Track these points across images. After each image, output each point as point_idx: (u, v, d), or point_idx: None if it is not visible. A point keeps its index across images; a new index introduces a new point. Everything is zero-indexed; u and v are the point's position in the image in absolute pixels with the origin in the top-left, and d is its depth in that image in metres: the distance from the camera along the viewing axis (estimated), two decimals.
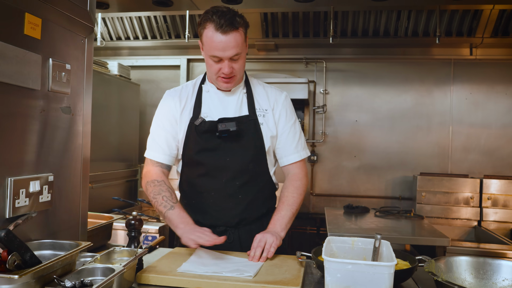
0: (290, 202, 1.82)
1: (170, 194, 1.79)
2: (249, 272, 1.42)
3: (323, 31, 4.10)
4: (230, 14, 1.67)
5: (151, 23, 4.31)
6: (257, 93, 1.90)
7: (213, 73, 1.78)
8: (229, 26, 1.64)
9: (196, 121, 1.80)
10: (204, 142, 1.81)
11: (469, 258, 1.39)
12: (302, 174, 1.91)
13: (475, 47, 4.05)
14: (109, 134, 3.86)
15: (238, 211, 1.82)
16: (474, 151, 4.13)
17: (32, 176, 1.31)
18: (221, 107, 1.84)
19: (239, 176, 1.82)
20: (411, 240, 2.99)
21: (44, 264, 1.06)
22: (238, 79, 1.81)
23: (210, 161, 1.82)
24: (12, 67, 1.22)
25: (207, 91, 1.88)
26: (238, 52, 1.69)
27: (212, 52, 1.69)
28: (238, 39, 1.67)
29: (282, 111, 1.89)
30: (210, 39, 1.67)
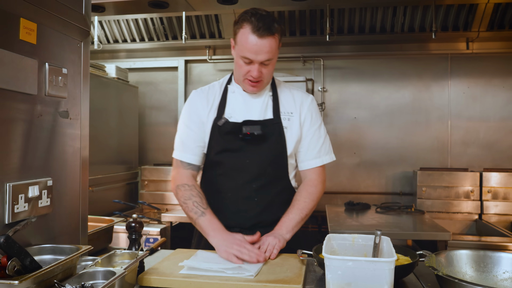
0: (301, 206, 1.80)
1: (200, 199, 1.76)
2: (250, 271, 1.42)
3: (320, 29, 4.10)
4: (269, 18, 1.65)
5: (148, 25, 4.31)
6: (283, 96, 1.88)
7: (241, 74, 1.76)
8: (266, 30, 1.62)
9: (219, 122, 1.79)
10: (226, 143, 1.80)
11: (470, 251, 1.39)
12: (318, 180, 1.89)
13: (472, 41, 4.04)
14: (108, 137, 3.86)
15: (254, 213, 1.81)
16: (473, 145, 4.13)
17: (31, 181, 1.31)
18: (245, 109, 1.83)
19: (256, 179, 1.80)
20: (413, 236, 3.00)
21: (44, 269, 1.07)
22: (264, 84, 1.80)
23: (229, 162, 1.81)
24: (8, 73, 1.22)
25: (233, 92, 1.86)
26: (270, 58, 1.68)
27: (244, 53, 1.67)
28: (272, 44, 1.66)
29: (307, 115, 1.87)
30: (245, 40, 1.65)
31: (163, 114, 4.67)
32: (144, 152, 4.68)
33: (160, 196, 4.16)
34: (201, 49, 4.48)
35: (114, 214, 3.58)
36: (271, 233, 1.73)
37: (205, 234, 1.70)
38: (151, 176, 4.22)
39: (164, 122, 4.66)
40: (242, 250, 1.55)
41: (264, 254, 1.58)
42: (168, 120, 4.64)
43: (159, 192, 4.17)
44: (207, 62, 4.53)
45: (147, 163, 4.61)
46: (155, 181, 4.22)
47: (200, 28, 4.25)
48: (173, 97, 4.67)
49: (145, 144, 4.67)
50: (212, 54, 4.51)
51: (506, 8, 3.64)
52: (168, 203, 4.12)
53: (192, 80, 4.65)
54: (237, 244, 1.58)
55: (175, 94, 4.64)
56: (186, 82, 4.62)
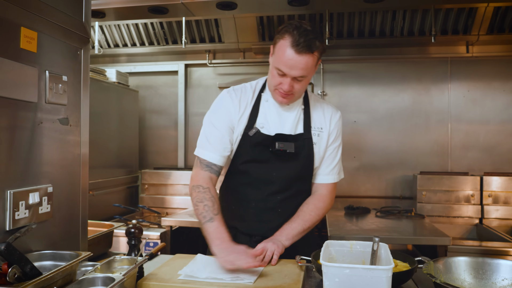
0: (305, 218, 1.80)
1: (212, 204, 1.70)
2: (249, 278, 1.42)
3: (320, 33, 4.10)
4: (312, 36, 1.60)
5: (148, 30, 4.33)
6: (314, 111, 1.87)
7: (272, 85, 1.74)
8: (305, 48, 1.58)
9: (250, 132, 1.77)
10: (255, 154, 1.79)
11: (468, 258, 1.40)
12: (328, 197, 1.90)
13: (471, 44, 4.05)
14: (108, 141, 3.87)
15: (276, 224, 1.81)
16: (474, 148, 4.14)
17: (31, 188, 1.32)
18: (278, 121, 1.81)
19: (281, 192, 1.82)
20: (412, 240, 3.00)
21: (44, 276, 1.08)
22: (295, 98, 1.78)
23: (256, 173, 1.81)
24: (9, 81, 1.23)
25: (266, 101, 1.84)
26: (304, 75, 1.64)
27: (279, 65, 1.64)
28: (309, 62, 1.61)
29: (333, 131, 1.88)
30: (282, 52, 1.62)
31: (164, 118, 4.68)
32: (145, 155, 4.69)
33: (160, 200, 4.17)
34: (201, 53, 4.50)
35: (114, 218, 3.58)
36: (270, 239, 1.73)
37: (209, 240, 1.65)
38: (151, 180, 4.23)
39: (164, 126, 4.67)
40: (239, 257, 1.50)
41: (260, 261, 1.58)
42: (168, 124, 4.65)
43: (159, 196, 4.18)
44: (207, 66, 4.54)
45: (147, 166, 4.61)
46: (155, 185, 4.22)
47: (200, 33, 4.26)
48: (173, 100, 4.68)
49: (145, 148, 4.68)
50: (212, 58, 4.53)
51: (506, 11, 3.65)
52: (168, 207, 4.13)
53: (192, 84, 4.66)
54: (236, 252, 1.53)
55: (175, 98, 4.65)
56: (186, 86, 4.63)
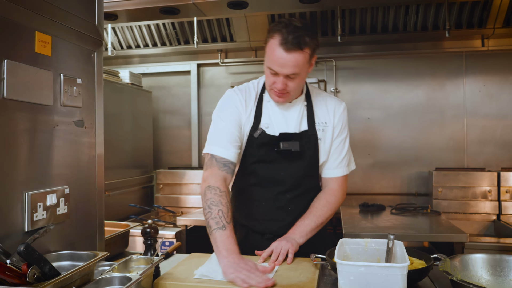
0: (317, 214, 1.79)
1: (227, 211, 1.62)
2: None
3: (331, 30, 4.09)
4: (301, 32, 1.59)
5: (160, 31, 4.36)
6: (317, 105, 1.86)
7: (267, 84, 1.75)
8: (294, 45, 1.57)
9: (255, 133, 1.78)
10: (261, 154, 1.80)
11: (485, 255, 1.38)
12: (339, 190, 1.88)
13: (487, 38, 3.98)
14: (123, 142, 3.92)
15: (287, 222, 1.82)
16: (490, 144, 4.07)
17: (48, 190, 1.35)
18: (282, 120, 1.81)
19: (290, 190, 1.82)
20: (429, 237, 2.97)
21: (62, 276, 1.10)
22: (291, 96, 1.77)
23: (264, 173, 1.82)
24: (25, 85, 1.25)
25: (268, 101, 1.84)
26: (296, 72, 1.63)
27: (270, 64, 1.64)
28: (299, 59, 1.60)
29: (338, 124, 1.86)
30: (272, 51, 1.62)
31: (177, 118, 4.72)
32: (159, 156, 4.73)
33: (175, 199, 4.20)
34: (213, 52, 4.51)
35: (130, 218, 3.63)
36: (284, 237, 1.73)
37: (217, 249, 1.55)
38: (166, 180, 4.27)
39: (178, 126, 4.70)
40: (250, 276, 1.38)
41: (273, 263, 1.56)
42: (182, 124, 4.68)
43: (174, 196, 4.22)
44: (219, 65, 4.55)
45: (161, 166, 4.65)
46: (170, 184, 4.26)
47: (212, 32, 4.28)
48: (186, 100, 4.71)
49: (159, 148, 4.72)
50: (224, 58, 4.54)
51: None
52: (183, 206, 4.16)
53: (205, 83, 4.68)
54: (247, 269, 1.42)
55: (188, 98, 4.68)
56: (198, 86, 4.65)
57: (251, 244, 1.83)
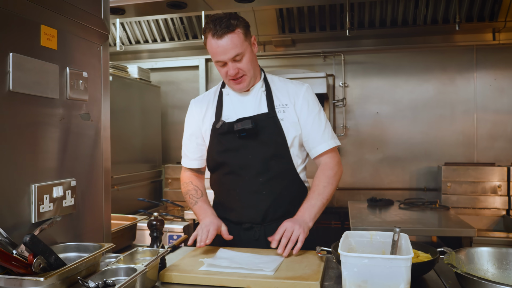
0: (320, 191, 1.81)
1: (195, 191, 1.94)
2: (269, 268, 1.43)
3: (340, 23, 4.06)
4: (226, 18, 1.71)
5: (168, 25, 4.37)
6: (277, 89, 1.90)
7: (224, 78, 1.83)
8: (223, 29, 1.68)
9: (217, 125, 1.85)
10: (226, 143, 1.85)
11: (491, 248, 1.36)
12: (333, 163, 1.89)
13: (498, 31, 3.92)
14: (132, 136, 3.94)
15: (263, 207, 1.83)
16: (501, 139, 4.02)
17: (55, 182, 1.36)
18: (240, 108, 1.87)
19: (261, 173, 1.83)
20: (437, 232, 2.95)
21: (68, 266, 1.11)
22: (250, 78, 1.82)
23: (233, 160, 1.85)
24: (31, 78, 1.27)
25: (227, 94, 1.92)
26: (238, 53, 1.72)
27: (215, 58, 1.75)
28: (235, 40, 1.70)
29: (303, 103, 1.88)
30: (210, 46, 1.73)
31: (185, 113, 4.70)
32: (168, 150, 4.75)
33: None
34: None
35: (139, 212, 3.66)
36: (295, 219, 1.71)
37: (198, 218, 1.87)
38: (174, 174, 4.29)
39: None
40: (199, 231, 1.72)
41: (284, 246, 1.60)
42: None
43: None
44: None
45: (170, 161, 4.68)
46: (178, 179, 4.24)
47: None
48: (194, 95, 4.64)
49: (168, 143, 4.75)
50: None
51: None
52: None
53: (213, 78, 4.68)
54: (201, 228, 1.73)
55: (197, 93, 4.69)
56: (207, 81, 4.66)
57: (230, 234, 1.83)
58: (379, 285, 1.12)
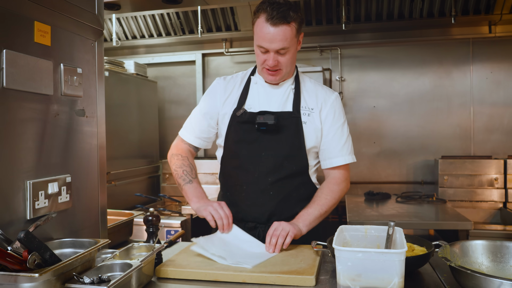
0: (321, 202, 1.78)
1: (190, 170, 1.86)
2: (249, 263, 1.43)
3: (336, 17, 4.05)
4: (285, 7, 1.64)
5: (165, 20, 4.35)
6: (306, 91, 1.85)
7: (259, 63, 1.76)
8: (280, 19, 1.62)
9: (238, 112, 1.80)
10: (243, 133, 1.80)
11: (486, 241, 1.37)
12: (342, 179, 1.86)
13: (494, 24, 3.92)
14: (129, 132, 3.94)
15: (268, 207, 1.80)
16: (497, 131, 4.03)
17: (50, 178, 1.36)
18: (265, 100, 1.82)
19: (272, 173, 1.79)
20: (433, 225, 2.96)
21: (63, 262, 1.11)
22: (284, 74, 1.77)
23: (245, 153, 1.81)
24: (25, 75, 1.26)
25: (255, 83, 1.86)
26: (285, 46, 1.66)
27: (259, 42, 1.68)
28: (287, 33, 1.65)
29: (330, 112, 1.83)
30: (260, 29, 1.66)
31: (182, 108, 4.72)
32: (165, 145, 4.75)
33: None
34: (217, 42, 4.50)
35: (136, 207, 3.66)
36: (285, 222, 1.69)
37: (188, 199, 1.80)
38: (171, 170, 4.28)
39: (183, 116, 4.62)
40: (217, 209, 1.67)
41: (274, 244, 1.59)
42: (188, 114, 4.59)
43: None
44: (224, 55, 4.54)
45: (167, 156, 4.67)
46: None
47: (216, 21, 4.26)
48: (191, 90, 4.71)
49: (165, 138, 4.74)
50: (229, 47, 4.52)
51: None
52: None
53: (210, 73, 4.68)
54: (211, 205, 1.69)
55: (194, 88, 4.69)
56: (204, 76, 4.65)
57: None
58: (373, 279, 1.12)
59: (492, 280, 1.05)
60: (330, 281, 1.36)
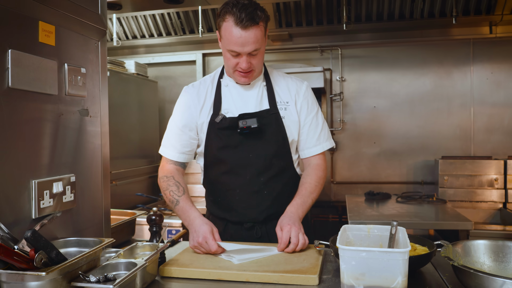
0: (312, 190, 1.79)
1: (176, 188, 1.78)
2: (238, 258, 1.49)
3: (337, 17, 4.06)
4: (252, 7, 1.60)
5: (165, 20, 4.36)
6: (277, 85, 1.85)
7: (230, 67, 1.73)
8: (249, 21, 1.57)
9: (217, 118, 1.77)
10: (226, 139, 1.78)
11: (488, 241, 1.38)
12: (323, 165, 1.88)
13: (495, 25, 3.93)
14: (130, 132, 3.94)
15: (264, 207, 1.80)
16: (498, 132, 4.04)
17: (55, 178, 1.37)
18: (241, 102, 1.80)
19: (263, 172, 1.79)
20: (434, 225, 2.97)
21: (69, 261, 1.12)
22: (256, 73, 1.76)
23: (233, 159, 1.79)
24: (30, 75, 1.27)
25: (226, 85, 1.83)
26: (257, 48, 1.63)
27: (231, 47, 1.64)
28: (258, 34, 1.61)
29: (303, 103, 1.84)
30: (229, 33, 1.61)
31: None
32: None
33: None
34: (218, 42, 4.49)
35: (137, 207, 3.66)
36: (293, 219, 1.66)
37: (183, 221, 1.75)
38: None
39: None
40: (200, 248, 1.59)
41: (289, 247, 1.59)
42: None
43: None
44: None
45: None
46: None
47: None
48: None
49: None
50: None
51: None
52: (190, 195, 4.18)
53: (210, 73, 4.67)
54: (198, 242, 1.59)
55: None
56: (204, 75, 4.64)
57: (230, 234, 1.83)
58: (376, 278, 1.13)
59: (495, 279, 1.06)
60: (332, 280, 1.37)
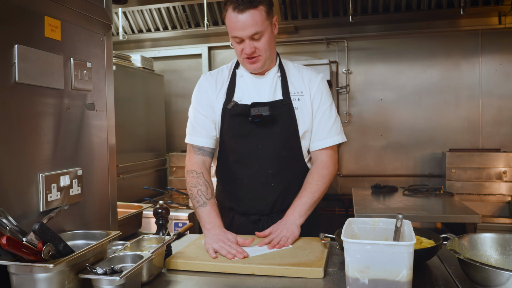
0: (313, 189, 1.77)
1: (206, 189, 1.74)
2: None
3: (343, 9, 4.03)
4: None
5: (171, 14, 4.35)
6: (292, 76, 1.84)
7: (238, 55, 1.74)
8: (245, 4, 1.60)
9: (229, 105, 1.78)
10: (237, 127, 1.78)
11: (495, 234, 1.36)
12: (330, 162, 1.84)
13: (504, 15, 3.88)
14: (136, 125, 3.96)
15: (271, 199, 1.80)
16: (506, 124, 4.00)
17: (62, 171, 1.38)
18: (254, 91, 1.80)
19: (271, 164, 1.78)
20: (441, 218, 2.96)
21: (77, 253, 1.13)
22: (265, 59, 1.74)
23: (242, 148, 1.79)
24: (36, 69, 1.28)
25: (241, 76, 1.84)
26: (257, 31, 1.64)
27: (232, 33, 1.67)
28: (256, 17, 1.62)
29: (317, 93, 1.82)
30: (229, 20, 1.65)
31: (189, 102, 4.59)
32: (172, 139, 4.77)
33: None
34: (224, 35, 4.49)
35: (144, 200, 3.69)
36: (284, 222, 1.69)
37: (201, 223, 1.70)
38: (179, 163, 4.31)
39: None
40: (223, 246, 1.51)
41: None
42: None
43: None
44: (230, 48, 4.53)
45: (174, 150, 4.70)
46: (183, 167, 4.28)
47: (222, 14, 4.25)
48: None
49: (172, 131, 4.77)
50: None
51: None
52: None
53: (216, 66, 4.67)
54: (223, 241, 1.53)
55: None
56: (210, 69, 4.65)
57: (236, 227, 1.83)
58: (381, 271, 1.13)
59: (501, 272, 1.05)
60: (338, 273, 1.38)
